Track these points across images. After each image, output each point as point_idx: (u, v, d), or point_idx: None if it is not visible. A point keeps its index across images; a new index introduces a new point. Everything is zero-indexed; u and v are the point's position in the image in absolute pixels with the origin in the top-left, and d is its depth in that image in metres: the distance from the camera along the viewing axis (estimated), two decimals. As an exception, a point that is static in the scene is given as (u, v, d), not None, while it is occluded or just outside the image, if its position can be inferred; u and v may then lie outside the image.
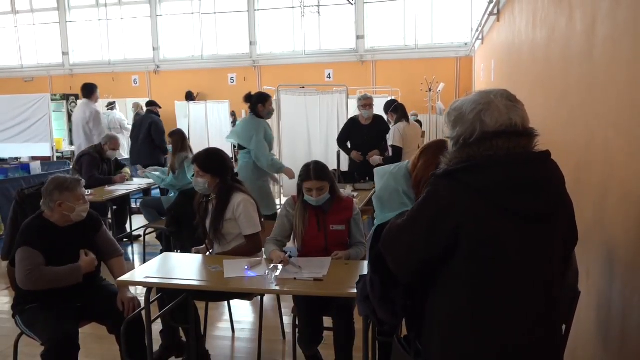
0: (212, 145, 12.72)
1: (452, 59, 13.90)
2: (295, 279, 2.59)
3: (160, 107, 9.87)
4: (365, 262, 2.86)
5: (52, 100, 10.47)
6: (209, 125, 13.11)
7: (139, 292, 3.98)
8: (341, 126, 6.78)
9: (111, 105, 12.09)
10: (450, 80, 13.44)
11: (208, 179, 3.13)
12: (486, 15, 7.29)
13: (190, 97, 14.48)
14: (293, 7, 14.68)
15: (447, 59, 13.88)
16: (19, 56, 17.02)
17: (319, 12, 14.35)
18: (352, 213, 3.06)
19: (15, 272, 2.72)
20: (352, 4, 14.24)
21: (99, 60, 16.39)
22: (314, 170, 2.96)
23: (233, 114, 13.97)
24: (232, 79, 15.42)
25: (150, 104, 9.61)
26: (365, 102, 5.73)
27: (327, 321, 2.89)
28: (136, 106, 12.53)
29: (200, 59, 15.65)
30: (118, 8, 16.09)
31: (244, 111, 15.04)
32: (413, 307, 1.72)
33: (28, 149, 9.56)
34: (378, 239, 1.69)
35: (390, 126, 5.74)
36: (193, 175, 5.45)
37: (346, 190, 4.57)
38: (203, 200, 3.23)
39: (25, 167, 7.99)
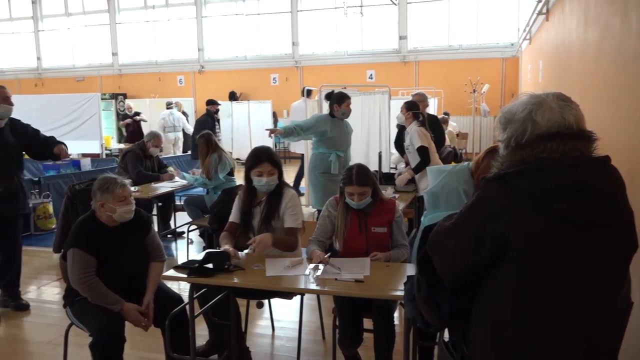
0: (254, 145, 12.92)
1: (498, 60, 13.61)
2: (336, 279, 2.59)
3: (220, 104, 10.09)
4: (407, 265, 2.86)
5: (101, 99, 10.84)
6: (251, 125, 13.29)
7: (182, 288, 4.07)
8: (383, 127, 6.74)
9: (170, 105, 12.40)
10: (495, 81, 13.17)
11: (277, 175, 3.13)
12: (534, 15, 7.10)
13: (233, 97, 14.73)
14: (336, 8, 14.70)
15: (493, 59, 13.60)
16: (72, 57, 17.68)
17: (361, 13, 14.31)
18: (394, 215, 3.04)
19: (67, 268, 2.81)
20: (395, 4, 14.15)
21: (146, 60, 16.84)
22: (357, 175, 2.94)
23: (274, 115, 14.12)
24: (274, 79, 15.57)
25: (209, 102, 9.86)
26: (415, 99, 5.68)
27: (368, 323, 2.88)
28: (178, 105, 12.82)
29: (243, 59, 15.87)
30: (165, 10, 16.50)
31: (285, 111, 15.24)
32: (459, 310, 1.69)
33: (79, 146, 9.92)
34: (426, 240, 1.68)
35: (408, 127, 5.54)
36: (229, 174, 5.63)
37: (387, 192, 4.55)
38: (248, 199, 3.21)
39: (76, 163, 8.30)
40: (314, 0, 15.08)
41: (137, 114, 13.12)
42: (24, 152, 4.25)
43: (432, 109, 8.78)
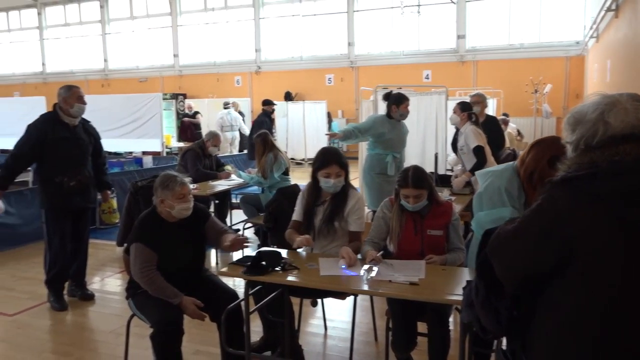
0: (309, 145, 13.04)
1: (561, 59, 13.10)
2: (390, 281, 2.57)
3: (276, 104, 10.27)
4: (464, 269, 2.79)
5: (162, 99, 11.20)
6: (306, 125, 13.39)
7: (237, 284, 4.15)
8: (440, 128, 6.63)
9: (227, 105, 12.71)
10: (558, 81, 12.67)
11: (343, 177, 3.13)
12: (602, 12, 6.78)
13: (288, 97, 14.90)
14: (392, 7, 14.58)
15: (556, 58, 13.09)
16: (136, 58, 18.41)
17: (419, 12, 14.13)
18: (451, 218, 2.98)
19: (130, 262, 2.93)
20: (454, 3, 13.87)
21: (206, 61, 17.30)
22: (412, 178, 2.90)
23: (329, 115, 14.19)
24: (329, 79, 15.62)
25: (265, 103, 10.03)
26: (473, 100, 5.55)
27: (422, 326, 2.84)
28: (235, 105, 13.08)
29: (299, 59, 16.02)
30: (224, 12, 16.89)
31: (340, 111, 15.26)
32: (519, 317, 1.63)
33: (141, 144, 10.30)
34: (486, 243, 1.63)
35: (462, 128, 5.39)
36: (284, 174, 5.69)
37: (443, 194, 4.46)
38: (312, 198, 3.22)
39: (138, 161, 8.64)
40: (370, 0, 15.02)
41: (197, 113, 13.50)
42: None
43: (491, 110, 8.55)
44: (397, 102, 5.01)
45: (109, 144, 10.96)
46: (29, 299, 4.46)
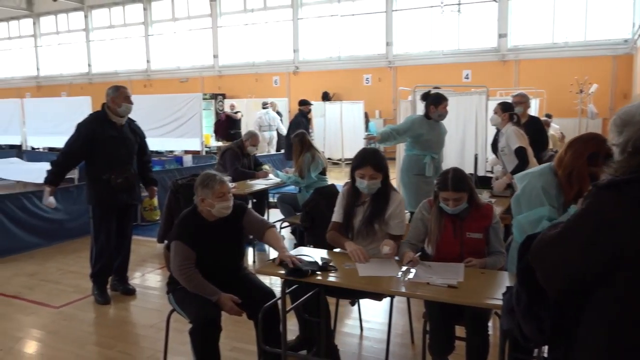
0: (346, 145, 13.02)
1: (608, 58, 12.66)
2: (428, 283, 2.54)
3: (312, 104, 10.34)
4: (505, 273, 2.74)
5: (202, 99, 11.39)
6: (343, 125, 13.38)
7: (273, 282, 4.19)
8: (480, 129, 6.51)
9: (265, 105, 12.85)
10: (604, 81, 12.25)
11: (380, 179, 3.11)
12: (654, 8, 6.51)
13: (326, 97, 14.92)
14: (432, 7, 14.41)
15: (602, 57, 12.67)
16: (176, 59, 18.80)
17: (459, 11, 13.91)
18: (491, 221, 2.92)
19: (170, 258, 2.99)
20: (495, 1, 13.60)
21: (244, 62, 17.52)
22: (452, 181, 2.85)
23: (366, 115, 14.14)
24: (367, 79, 15.57)
25: (301, 103, 10.09)
26: (515, 100, 5.43)
27: (460, 330, 2.79)
28: (273, 105, 13.21)
29: (337, 60, 16.03)
30: (263, 13, 17.06)
31: (377, 112, 15.19)
32: (562, 325, 1.59)
33: (181, 144, 10.51)
34: (527, 249, 1.59)
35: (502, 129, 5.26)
36: (321, 173, 5.70)
37: (483, 196, 4.38)
38: (352, 197, 3.21)
39: (178, 159, 8.82)
40: (409, -1, 14.92)
41: (237, 112, 13.71)
42: None
43: (533, 110, 8.33)
44: (435, 102, 4.94)
45: (150, 143, 11.19)
46: (74, 292, 4.62)
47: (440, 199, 2.90)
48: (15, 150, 12.20)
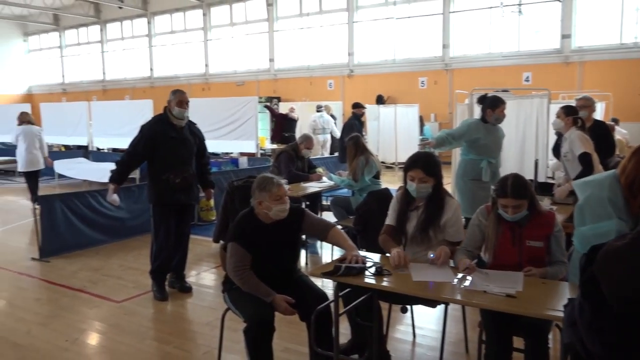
0: (399, 149, 12.91)
1: (682, 59, 11.93)
2: (485, 292, 2.47)
3: (365, 108, 10.36)
4: (566, 283, 2.63)
5: (258, 102, 11.58)
6: (397, 128, 13.26)
7: (325, 285, 4.20)
8: (541, 133, 6.29)
9: (320, 108, 12.94)
10: (677, 83, 11.56)
11: (431, 183, 3.08)
12: None
13: (380, 100, 14.84)
14: (491, 8, 14.06)
15: (675, 58, 11.95)
16: (233, 63, 19.23)
17: (520, 11, 13.50)
18: (553, 229, 2.81)
19: (226, 258, 3.06)
20: (559, 1, 13.11)
21: (299, 65, 17.69)
22: (512, 187, 2.76)
23: (421, 119, 13.96)
24: (422, 82, 15.37)
25: (354, 106, 10.12)
26: (579, 104, 5.21)
27: (518, 342, 2.70)
28: (327, 108, 13.28)
29: (392, 62, 15.91)
30: (319, 16, 17.18)
31: (433, 115, 14.96)
32: (627, 340, 1.51)
33: (237, 146, 10.74)
34: (591, 260, 1.52)
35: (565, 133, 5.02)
36: (375, 177, 5.66)
37: (543, 203, 4.22)
38: (405, 200, 3.19)
39: (234, 161, 9.01)
40: (467, 0, 14.59)
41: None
42: None
43: (599, 114, 7.97)
44: (492, 105, 4.81)
45: (207, 145, 11.56)
46: (134, 288, 4.80)
47: (498, 206, 2.82)
48: (82, 151, 12.83)
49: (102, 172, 9.10)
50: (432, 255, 2.90)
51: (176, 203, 4.52)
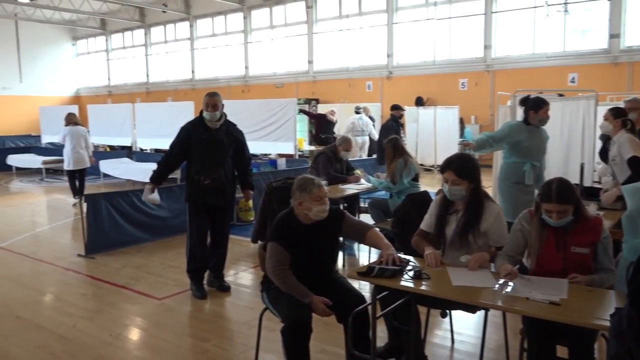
0: (439, 151, 12.76)
1: None
2: (527, 298, 2.41)
3: (404, 110, 10.30)
4: (613, 292, 2.53)
5: (297, 104, 11.65)
6: (437, 130, 13.10)
7: (361, 287, 4.18)
8: (587, 136, 6.10)
9: (358, 110, 12.93)
10: None
11: (465, 186, 3.05)
12: None
13: (419, 102, 14.69)
14: (535, 7, 13.72)
15: None
16: (273, 65, 19.40)
17: (566, 11, 13.12)
18: (600, 236, 2.70)
19: (265, 258, 3.08)
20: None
21: (338, 67, 17.70)
22: (557, 192, 2.67)
23: (462, 121, 13.75)
24: (463, 84, 15.13)
25: (393, 107, 10.07)
26: (629, 106, 5.03)
27: (562, 350, 2.62)
28: (366, 110, 13.24)
29: (432, 64, 15.73)
30: (358, 18, 17.15)
31: (473, 117, 14.71)
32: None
33: (275, 147, 10.82)
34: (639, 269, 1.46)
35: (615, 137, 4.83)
36: (414, 180, 5.60)
37: (590, 208, 4.08)
38: (444, 204, 3.16)
39: (273, 162, 9.08)
40: (510, 0, 14.28)
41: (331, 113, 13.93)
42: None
43: (649, 116, 7.64)
44: (535, 106, 4.67)
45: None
46: (174, 286, 4.91)
47: (542, 211, 2.74)
48: (126, 151, 13.22)
49: (144, 172, 9.36)
50: (463, 259, 2.86)
51: (207, 203, 4.58)
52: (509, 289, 2.53)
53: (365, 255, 5.73)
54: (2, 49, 23.28)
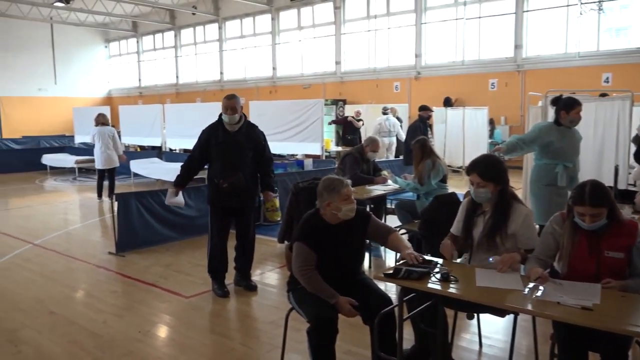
0: (467, 152, 12.60)
1: None
2: (558, 303, 2.35)
3: (432, 110, 10.23)
4: (649, 298, 2.45)
5: (324, 105, 11.65)
6: (465, 131, 12.94)
7: (388, 288, 4.16)
8: (622, 138, 5.95)
9: (386, 111, 12.89)
10: None
11: (490, 188, 3.00)
12: None
13: (448, 102, 14.52)
14: (568, 6, 13.42)
15: None
16: (301, 66, 19.47)
17: (600, 9, 12.79)
18: (635, 240, 2.62)
19: (292, 258, 3.09)
20: (643, -3, 12.32)
21: (365, 68, 17.65)
22: (590, 194, 2.61)
23: (492, 122, 13.55)
24: (492, 84, 14.90)
25: (421, 108, 10.00)
26: None
27: (594, 357, 2.55)
28: (393, 111, 13.17)
29: (460, 64, 15.54)
30: (386, 19, 17.06)
31: (503, 118, 14.47)
32: None
33: (302, 148, 10.84)
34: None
35: None
36: (442, 181, 5.54)
37: (624, 212, 3.97)
38: (472, 205, 3.12)
39: (299, 163, 9.10)
40: (542, -1, 14.01)
41: (359, 120, 13.90)
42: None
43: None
44: (567, 107, 4.56)
45: (273, 147, 11.74)
46: (202, 284, 4.96)
47: (575, 213, 2.68)
48: (156, 151, 13.44)
49: (174, 171, 9.39)
50: (491, 260, 2.82)
51: (226, 206, 4.61)
52: (539, 293, 2.47)
53: (392, 256, 5.69)
54: (39, 52, 23.97)
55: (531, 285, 2.56)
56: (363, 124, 13.69)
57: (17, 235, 7.14)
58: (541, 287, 2.52)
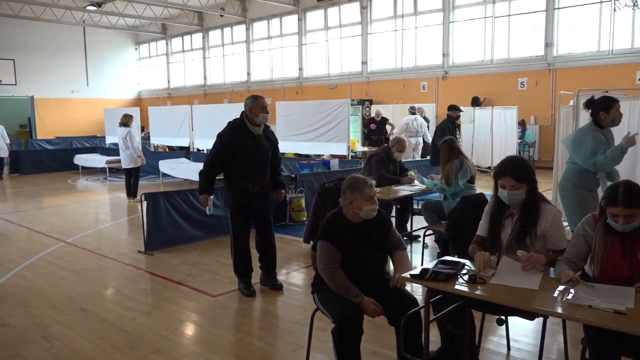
0: (495, 153, 12.41)
1: None
2: (590, 306, 2.29)
3: (462, 110, 10.13)
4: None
5: (350, 105, 11.64)
6: (493, 131, 12.77)
7: (414, 290, 4.12)
8: (657, 137, 5.75)
9: (413, 111, 12.80)
10: None
11: (524, 189, 2.93)
12: None
13: (476, 102, 14.34)
14: (601, 3, 13.10)
15: None
16: (327, 66, 19.48)
17: (636, 5, 12.43)
18: (671, 242, 2.55)
19: (317, 257, 3.10)
20: (681, -8, 11.92)
21: (392, 67, 17.55)
22: (623, 195, 2.54)
23: (523, 123, 13.33)
24: (522, 83, 14.63)
25: (450, 108, 9.92)
26: None
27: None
28: (420, 110, 13.07)
29: (489, 63, 15.32)
30: (413, 18, 16.94)
31: (533, 118, 14.21)
32: None
33: (328, 148, 10.85)
34: None
35: None
36: (469, 182, 5.46)
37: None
38: (498, 207, 3.07)
39: (326, 163, 9.11)
40: (574, -4, 13.70)
41: (387, 120, 13.85)
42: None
43: None
44: (605, 107, 4.38)
45: (300, 147, 11.85)
46: (229, 283, 5.00)
47: (607, 215, 2.61)
48: (184, 151, 13.63)
49: (201, 172, 9.61)
50: (519, 254, 2.76)
51: (253, 209, 4.61)
52: (570, 296, 2.42)
53: (418, 257, 5.65)
54: (72, 54, 24.55)
55: (561, 288, 2.50)
56: (393, 127, 13.64)
57: (49, 234, 7.33)
58: (572, 290, 2.46)
